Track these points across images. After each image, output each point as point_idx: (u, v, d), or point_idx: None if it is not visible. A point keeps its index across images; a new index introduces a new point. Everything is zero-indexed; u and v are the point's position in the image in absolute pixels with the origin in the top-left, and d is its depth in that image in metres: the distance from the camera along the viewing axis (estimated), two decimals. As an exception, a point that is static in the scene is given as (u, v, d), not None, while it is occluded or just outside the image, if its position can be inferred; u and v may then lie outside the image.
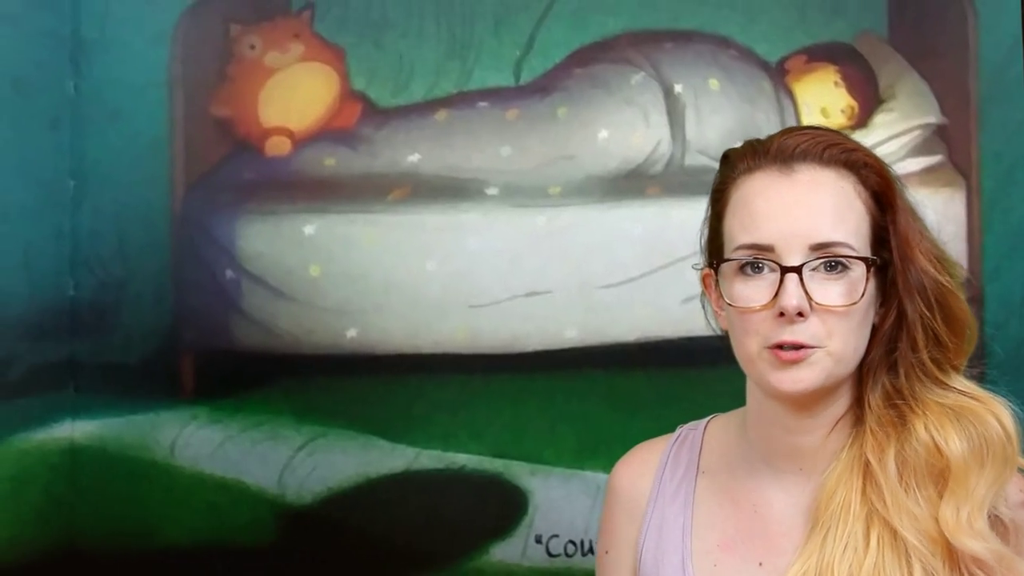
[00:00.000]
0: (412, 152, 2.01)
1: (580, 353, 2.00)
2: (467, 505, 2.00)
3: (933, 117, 2.02)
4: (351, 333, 2.00)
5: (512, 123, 2.02)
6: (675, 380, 1.36)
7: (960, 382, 1.39)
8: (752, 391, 1.45)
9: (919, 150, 2.02)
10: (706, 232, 1.46)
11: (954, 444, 1.34)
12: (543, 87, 2.03)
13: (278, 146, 2.01)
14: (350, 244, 2.00)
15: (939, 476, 1.35)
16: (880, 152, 1.91)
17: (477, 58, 2.02)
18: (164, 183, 2.00)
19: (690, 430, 1.55)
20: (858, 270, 1.34)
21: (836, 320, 1.33)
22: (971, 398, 1.38)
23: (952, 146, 2.02)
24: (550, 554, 1.99)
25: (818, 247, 1.33)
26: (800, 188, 1.36)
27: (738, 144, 1.44)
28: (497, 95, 2.03)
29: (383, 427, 2.00)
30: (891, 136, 2.02)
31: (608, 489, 1.56)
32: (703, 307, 1.48)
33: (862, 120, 2.02)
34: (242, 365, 2.00)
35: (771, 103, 1.98)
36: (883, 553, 1.34)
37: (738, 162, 1.42)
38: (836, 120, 2.01)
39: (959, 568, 1.32)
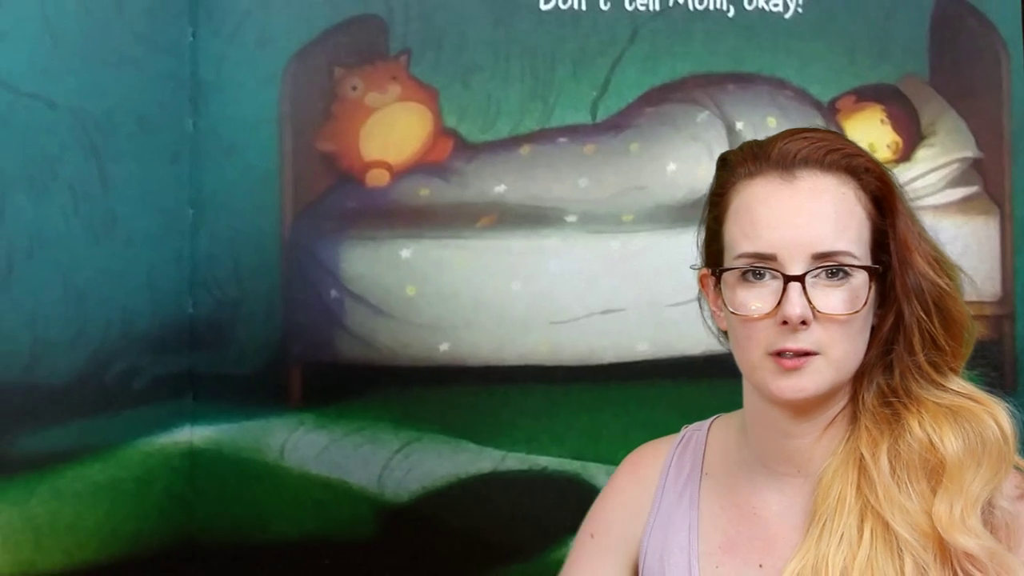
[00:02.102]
0: (499, 183, 2.04)
1: (651, 365, 2.02)
2: (548, 503, 2.02)
3: (970, 151, 2.04)
4: (443, 347, 2.02)
5: (589, 157, 2.04)
6: (737, 389, 1.36)
7: (958, 383, 1.35)
8: (749, 395, 1.40)
9: (957, 181, 2.04)
10: (703, 233, 1.40)
11: (950, 441, 1.29)
12: (617, 124, 2.05)
13: (377, 178, 2.04)
14: (443, 266, 2.02)
15: (932, 472, 1.30)
16: (921, 183, 1.97)
17: (558, 98, 2.04)
18: (274, 211, 2.02)
19: (694, 431, 1.50)
20: (860, 277, 1.29)
21: (837, 327, 1.28)
22: (968, 398, 1.33)
23: (987, 178, 2.04)
24: (621, 547, 2.00)
25: (820, 256, 1.27)
26: (802, 196, 1.30)
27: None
28: (576, 132, 2.04)
29: (472, 432, 2.02)
30: (932, 169, 2.04)
31: (611, 482, 1.51)
32: (700, 307, 1.42)
33: (905, 155, 2.04)
34: (345, 376, 2.02)
35: (823, 139, 1.99)
36: (876, 546, 1.29)
37: (738, 166, 1.35)
38: (882, 154, 2.02)
39: (950, 562, 1.27)
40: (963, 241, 2.01)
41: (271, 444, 2.01)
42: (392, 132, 2.03)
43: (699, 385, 1.98)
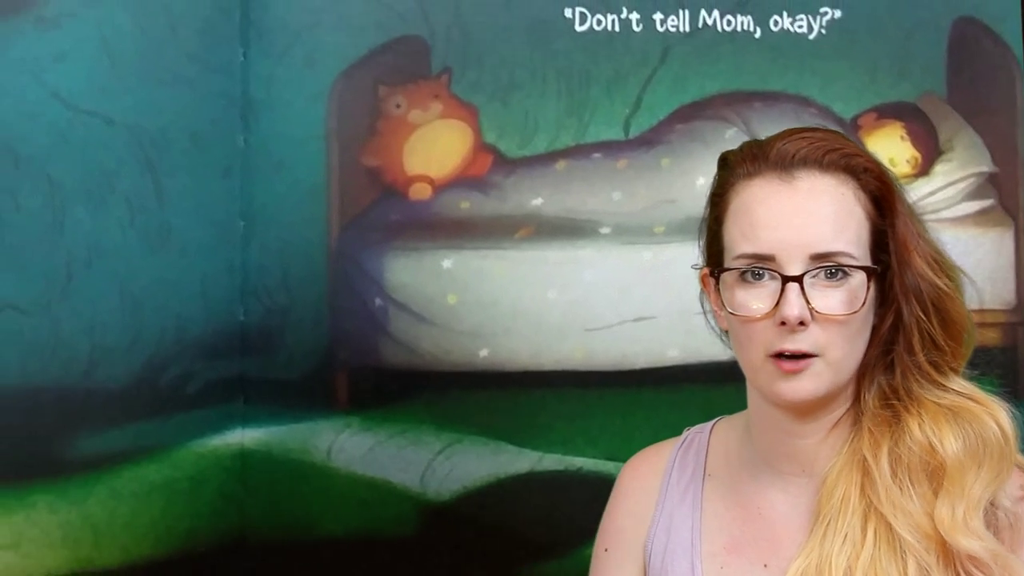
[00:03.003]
0: (536, 196, 2.01)
1: (680, 370, 1.99)
2: (583, 502, 1.97)
3: (985, 166, 2.01)
4: (483, 353, 1.99)
5: (622, 172, 2.02)
6: (762, 394, 1.35)
7: (958, 383, 1.29)
8: (753, 397, 1.35)
9: (973, 195, 2.01)
10: (705, 233, 1.36)
11: (950, 443, 1.24)
12: (649, 141, 2.02)
13: (420, 191, 2.01)
14: (482, 276, 1.99)
15: (933, 474, 1.25)
16: (939, 196, 1.94)
17: (592, 116, 2.02)
18: (322, 223, 1.99)
19: (696, 433, 1.46)
20: (858, 277, 1.23)
21: (836, 328, 1.22)
22: (969, 399, 1.27)
23: (1002, 191, 2.01)
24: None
25: (819, 256, 1.22)
26: (800, 196, 1.24)
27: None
28: (609, 148, 2.02)
29: (511, 434, 1.99)
30: (949, 183, 2.01)
31: (615, 490, 1.47)
32: (702, 306, 1.37)
33: (924, 169, 2.01)
34: (389, 380, 2.00)
35: (845, 154, 1.97)
36: (879, 547, 1.24)
37: (737, 166, 1.30)
38: (902, 169, 1.99)
39: (953, 564, 1.22)
40: (979, 252, 1.99)
41: (319, 446, 1.98)
42: (434, 148, 2.01)
43: (726, 389, 1.91)
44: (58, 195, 1.83)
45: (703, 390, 1.98)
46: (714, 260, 1.32)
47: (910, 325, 1.26)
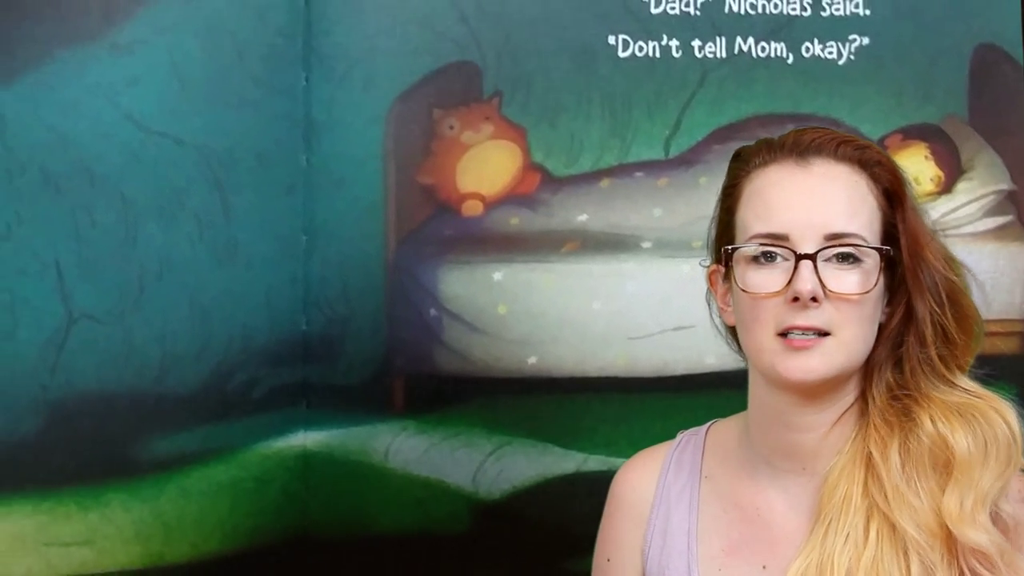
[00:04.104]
0: (581, 213, 1.97)
1: (718, 377, 1.94)
2: (626, 500, 1.96)
3: (1005, 184, 1.98)
4: (532, 360, 1.96)
5: (662, 189, 1.98)
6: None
7: (965, 382, 1.22)
8: (755, 390, 1.27)
9: (993, 211, 1.98)
10: (715, 229, 1.30)
11: (960, 437, 1.16)
12: (688, 160, 1.98)
13: (472, 208, 1.97)
14: (531, 288, 1.96)
15: (943, 468, 1.17)
16: (961, 212, 1.90)
17: (634, 137, 1.98)
18: (379, 238, 1.96)
19: (691, 435, 1.39)
20: (870, 261, 1.18)
21: (849, 308, 1.16)
22: (977, 397, 1.20)
23: (1021, 208, 1.98)
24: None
25: (832, 237, 1.17)
26: (815, 179, 1.20)
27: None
28: (650, 167, 1.98)
29: (557, 436, 1.96)
30: (970, 200, 1.97)
31: (610, 496, 1.40)
32: (708, 305, 1.32)
33: (947, 187, 1.97)
34: (443, 386, 1.96)
35: (873, 173, 1.94)
36: (882, 546, 1.16)
37: (752, 157, 1.26)
38: (926, 187, 1.96)
39: (957, 561, 1.15)
40: (998, 265, 1.96)
41: (376, 447, 1.94)
42: (485, 167, 1.97)
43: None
44: (131, 212, 1.82)
45: (739, 395, 1.90)
46: (724, 255, 1.26)
47: (923, 318, 1.20)
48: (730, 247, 1.23)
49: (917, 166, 1.96)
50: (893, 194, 1.23)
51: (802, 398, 1.21)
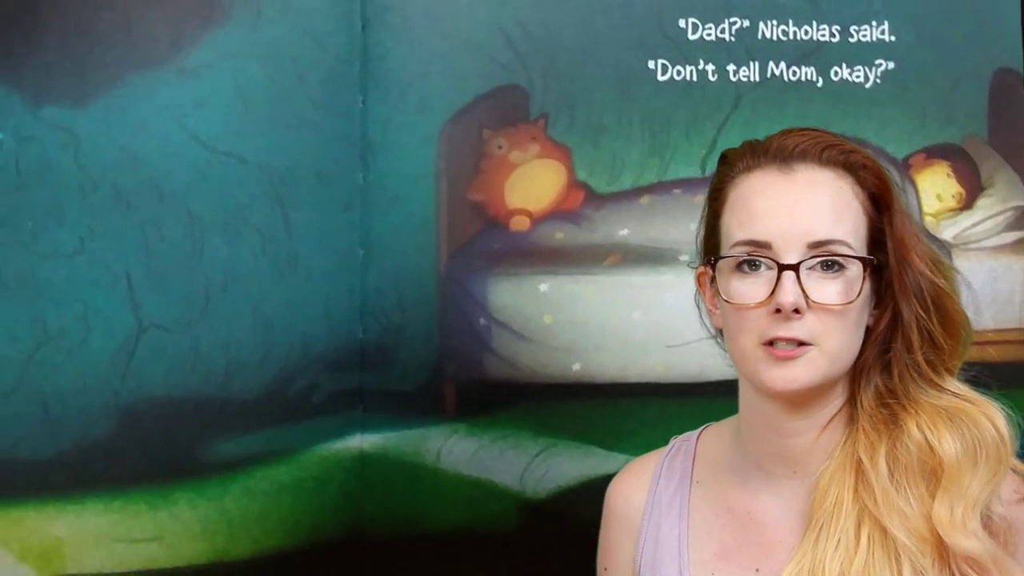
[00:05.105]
0: (623, 228, 1.94)
1: (750, 382, 1.93)
2: (664, 499, 1.93)
3: (1022, 201, 1.95)
4: (576, 367, 1.93)
5: (699, 205, 1.87)
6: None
7: (954, 384, 1.16)
8: (745, 395, 1.21)
9: (1012, 226, 1.95)
10: (702, 231, 1.24)
11: (947, 444, 1.10)
12: (723, 178, 1.96)
13: (520, 223, 1.94)
14: (575, 298, 1.93)
15: (931, 475, 1.11)
16: (981, 227, 1.87)
17: (672, 156, 1.95)
18: (432, 252, 1.93)
19: (683, 442, 1.33)
20: (855, 269, 1.11)
21: (832, 318, 1.10)
22: (965, 400, 1.13)
23: (1037, 223, 1.96)
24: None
25: (816, 245, 1.10)
26: (799, 187, 1.13)
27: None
28: (688, 184, 1.95)
29: (600, 439, 1.93)
30: (990, 216, 1.94)
31: (604, 507, 1.36)
32: (697, 307, 1.26)
33: (968, 203, 1.95)
34: (492, 391, 1.93)
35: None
36: (873, 551, 1.10)
37: (737, 161, 1.20)
38: (948, 203, 1.93)
39: (948, 567, 1.09)
40: (1015, 277, 1.93)
41: (429, 449, 1.92)
42: (532, 184, 1.94)
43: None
44: (198, 227, 1.81)
45: (771, 400, 1.92)
46: (711, 254, 1.21)
47: (910, 323, 1.13)
48: (714, 257, 1.18)
49: (940, 183, 1.94)
50: (879, 198, 1.16)
51: (788, 405, 1.16)
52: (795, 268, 1.10)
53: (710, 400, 1.92)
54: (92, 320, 1.76)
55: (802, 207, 1.12)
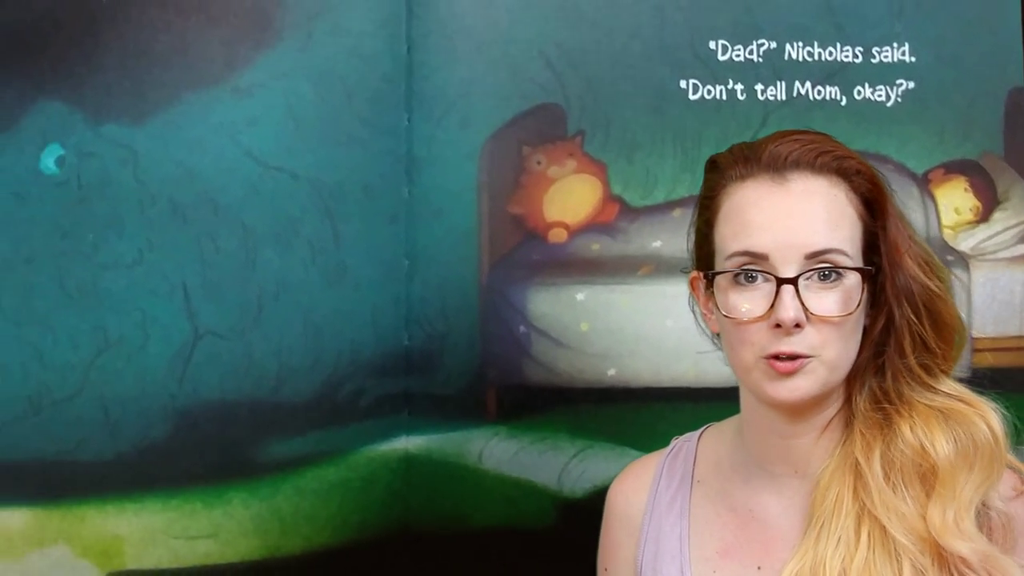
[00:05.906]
0: (656, 240, 1.93)
1: (776, 387, 1.91)
2: (695, 498, 1.92)
3: (1037, 213, 1.95)
4: (611, 372, 1.91)
5: (729, 219, 1.93)
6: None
7: (949, 385, 1.12)
8: (746, 398, 1.19)
9: (1027, 238, 1.94)
10: (693, 236, 1.19)
11: (941, 446, 1.07)
12: (750, 192, 1.94)
13: (558, 236, 1.93)
14: (610, 307, 1.91)
15: (925, 477, 1.08)
16: (998, 239, 1.85)
17: (703, 171, 1.93)
18: (474, 263, 1.91)
19: (684, 442, 1.30)
20: (852, 278, 1.07)
21: (831, 329, 1.06)
22: (959, 400, 1.10)
23: (1052, 235, 1.94)
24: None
25: (813, 255, 1.06)
26: (794, 197, 1.08)
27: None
28: (718, 198, 1.93)
29: (634, 440, 1.91)
30: (1006, 228, 1.92)
31: (605, 507, 1.32)
32: (692, 311, 1.22)
33: (984, 216, 1.93)
34: (531, 396, 1.92)
35: (918, 204, 1.90)
36: (874, 549, 1.06)
37: (728, 169, 1.14)
38: (966, 216, 1.91)
39: (948, 566, 1.05)
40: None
41: (471, 451, 1.90)
42: (569, 198, 1.92)
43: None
44: (251, 238, 1.80)
45: (797, 404, 1.90)
46: (704, 263, 1.16)
47: (901, 327, 1.10)
48: (711, 272, 1.14)
49: (958, 197, 1.92)
50: (874, 202, 1.12)
51: (789, 412, 1.14)
52: (793, 282, 1.06)
53: (737, 404, 1.90)
54: (150, 328, 1.75)
55: (797, 218, 1.08)
